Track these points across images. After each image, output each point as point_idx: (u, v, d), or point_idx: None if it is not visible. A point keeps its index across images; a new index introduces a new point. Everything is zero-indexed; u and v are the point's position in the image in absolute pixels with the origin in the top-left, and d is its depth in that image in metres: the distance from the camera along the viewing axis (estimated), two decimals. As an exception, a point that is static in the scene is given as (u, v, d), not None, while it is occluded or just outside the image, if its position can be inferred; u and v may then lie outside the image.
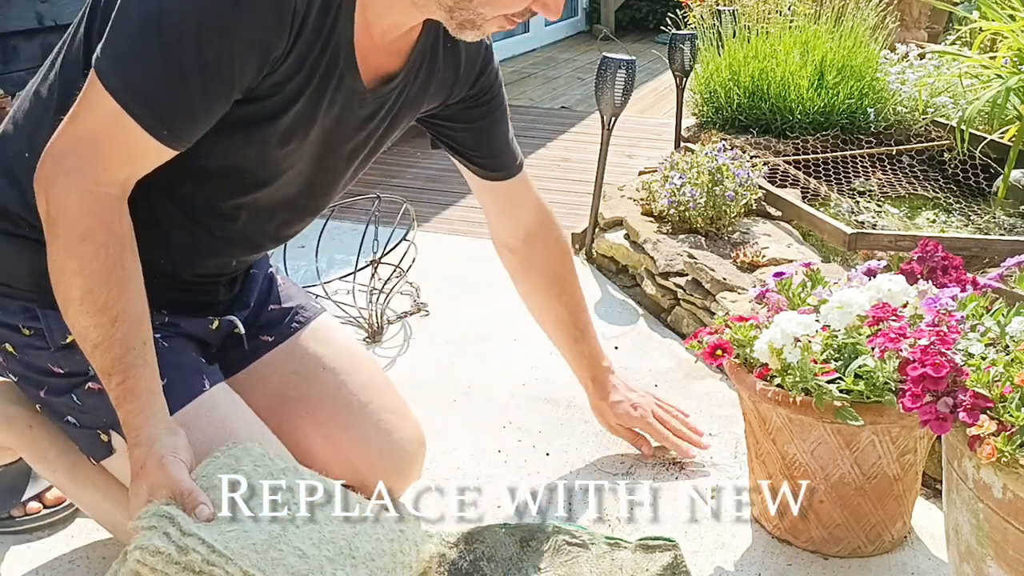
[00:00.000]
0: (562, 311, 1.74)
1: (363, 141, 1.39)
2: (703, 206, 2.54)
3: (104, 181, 1.15)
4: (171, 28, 1.10)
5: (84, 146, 1.14)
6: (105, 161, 1.14)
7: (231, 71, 1.13)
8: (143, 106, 1.12)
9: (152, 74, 1.11)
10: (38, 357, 1.32)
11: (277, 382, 1.52)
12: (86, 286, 1.14)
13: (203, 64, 1.11)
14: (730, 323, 1.53)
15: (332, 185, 1.43)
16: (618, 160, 3.91)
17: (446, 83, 1.44)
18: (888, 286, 1.43)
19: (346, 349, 1.59)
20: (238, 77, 1.14)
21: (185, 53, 1.10)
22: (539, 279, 1.73)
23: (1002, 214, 2.91)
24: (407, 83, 1.36)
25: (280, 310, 1.57)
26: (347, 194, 1.71)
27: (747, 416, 1.54)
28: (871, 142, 3.50)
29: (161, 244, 1.32)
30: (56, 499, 1.57)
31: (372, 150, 1.43)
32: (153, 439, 1.14)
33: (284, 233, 1.46)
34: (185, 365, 1.35)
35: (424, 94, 1.41)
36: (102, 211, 1.15)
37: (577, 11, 7.99)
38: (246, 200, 1.33)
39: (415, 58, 1.34)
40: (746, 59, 3.61)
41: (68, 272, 1.15)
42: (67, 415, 1.33)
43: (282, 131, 1.26)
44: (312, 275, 2.59)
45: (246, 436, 1.32)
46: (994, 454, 1.11)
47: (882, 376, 1.32)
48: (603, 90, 2.68)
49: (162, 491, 1.10)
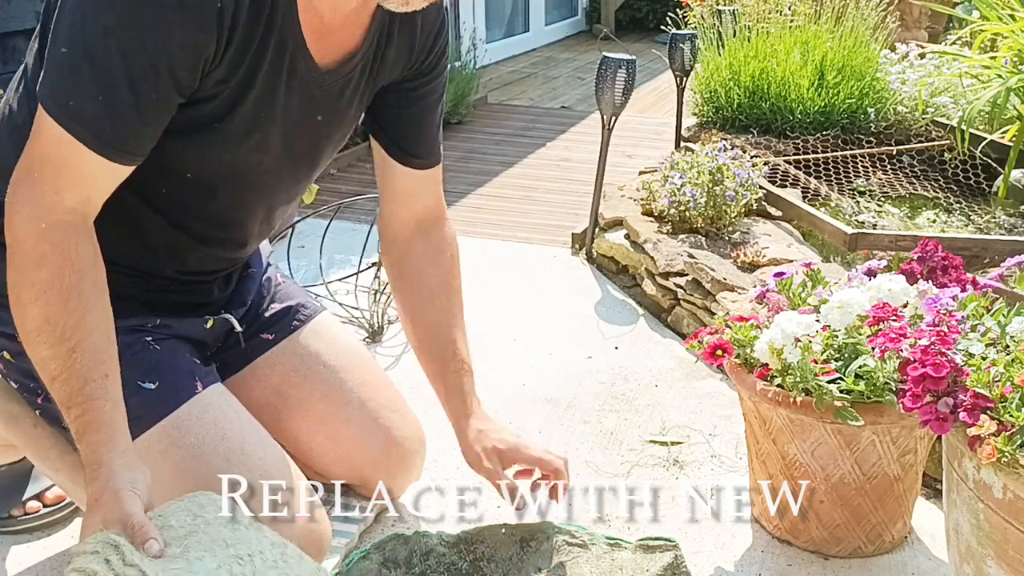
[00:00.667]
0: (440, 318, 1.52)
1: (335, 122, 1.36)
2: (703, 206, 2.54)
3: (58, 206, 1.12)
4: (97, 46, 1.08)
5: (35, 172, 1.12)
6: (56, 185, 1.12)
7: (165, 79, 1.11)
8: (84, 126, 1.10)
9: (86, 94, 1.09)
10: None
11: (277, 380, 1.52)
12: (42, 315, 1.11)
13: (133, 76, 1.09)
14: (730, 323, 1.53)
15: (311, 171, 1.42)
16: (618, 160, 3.91)
17: (404, 50, 1.38)
18: (888, 286, 1.43)
19: (346, 347, 1.58)
20: (172, 83, 1.12)
21: (114, 68, 1.08)
22: (421, 276, 1.53)
23: (1002, 214, 2.91)
24: (368, 58, 1.32)
25: (280, 309, 1.57)
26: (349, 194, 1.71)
27: (747, 416, 1.54)
28: (871, 142, 3.51)
29: (144, 245, 1.32)
30: (56, 498, 1.58)
31: (347, 126, 1.40)
32: (111, 474, 1.10)
33: (267, 226, 1.45)
34: (177, 368, 1.35)
35: (386, 64, 1.37)
36: (57, 237, 1.11)
37: (577, 11, 7.98)
38: (222, 196, 1.32)
39: (374, 30, 1.30)
40: (746, 59, 3.61)
41: (24, 300, 1.12)
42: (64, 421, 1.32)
43: (241, 127, 1.24)
44: (312, 275, 2.59)
45: (238, 438, 1.32)
46: (994, 454, 1.11)
47: (882, 376, 1.32)
48: (603, 90, 2.68)
49: (116, 524, 1.06)
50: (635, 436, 1.88)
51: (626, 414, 1.97)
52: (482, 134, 4.50)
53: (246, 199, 1.36)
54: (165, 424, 1.30)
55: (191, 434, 1.30)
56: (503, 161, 4.05)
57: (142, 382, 1.31)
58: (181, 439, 1.30)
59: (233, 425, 1.33)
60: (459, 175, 3.81)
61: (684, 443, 1.86)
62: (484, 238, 3.06)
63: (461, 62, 4.82)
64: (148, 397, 1.31)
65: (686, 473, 1.75)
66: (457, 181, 3.72)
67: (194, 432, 1.30)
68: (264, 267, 1.61)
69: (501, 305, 2.46)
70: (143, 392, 1.30)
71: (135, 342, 1.33)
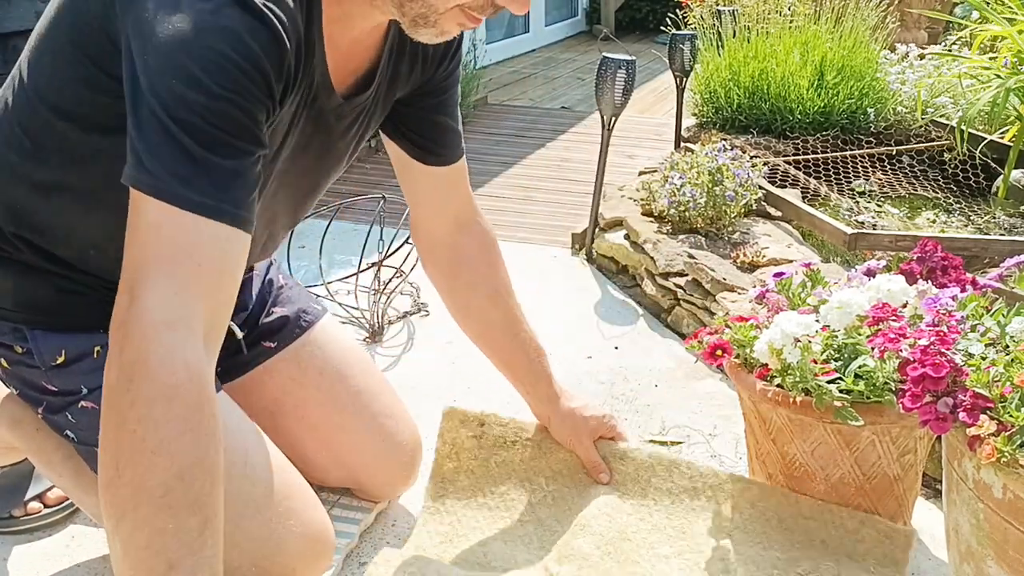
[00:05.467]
0: (506, 314, 1.53)
1: (342, 150, 1.34)
2: (703, 206, 2.54)
3: (195, 316, 0.96)
4: (189, 117, 0.97)
5: (167, 269, 0.96)
6: (199, 285, 0.97)
7: (253, 132, 1.03)
8: (214, 200, 0.98)
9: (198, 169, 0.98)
10: (32, 375, 1.30)
11: (274, 388, 1.52)
12: (174, 468, 0.92)
13: (230, 143, 1.00)
14: (730, 323, 1.53)
15: (317, 193, 1.40)
16: (618, 160, 3.91)
17: (415, 67, 1.36)
18: (888, 286, 1.44)
19: (345, 353, 1.58)
20: (258, 133, 1.04)
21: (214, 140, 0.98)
22: (477, 279, 1.52)
23: (1002, 214, 2.91)
24: (383, 81, 1.31)
25: (282, 315, 1.56)
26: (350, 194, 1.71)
27: (747, 416, 1.54)
28: (871, 142, 3.51)
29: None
30: (57, 499, 1.58)
31: (353, 150, 1.39)
32: None
33: (270, 246, 1.44)
34: None
35: (397, 82, 1.35)
36: (193, 361, 0.96)
37: (577, 11, 7.99)
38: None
39: (387, 54, 1.28)
40: (746, 59, 3.62)
41: (147, 449, 0.92)
42: (66, 429, 1.32)
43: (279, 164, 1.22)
44: (313, 275, 2.59)
45: (241, 450, 1.31)
46: (994, 454, 1.11)
47: (882, 376, 1.32)
48: (603, 90, 2.68)
49: None
50: (635, 436, 1.88)
51: (626, 414, 1.98)
52: (482, 134, 4.50)
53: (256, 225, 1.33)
54: None
55: None
56: (503, 161, 4.05)
57: None
58: None
59: (235, 437, 1.32)
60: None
61: (684, 443, 1.86)
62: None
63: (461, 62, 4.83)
64: None
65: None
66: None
67: None
68: (266, 268, 1.60)
69: (501, 305, 2.46)
70: None
71: None
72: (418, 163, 1.43)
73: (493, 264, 1.53)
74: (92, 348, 1.27)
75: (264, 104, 1.03)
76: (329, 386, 1.53)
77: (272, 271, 1.61)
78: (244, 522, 1.28)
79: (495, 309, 1.52)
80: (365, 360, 1.61)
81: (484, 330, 1.55)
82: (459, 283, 1.53)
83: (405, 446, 1.56)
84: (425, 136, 1.42)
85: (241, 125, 1.00)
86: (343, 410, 1.52)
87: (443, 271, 1.54)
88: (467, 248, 1.52)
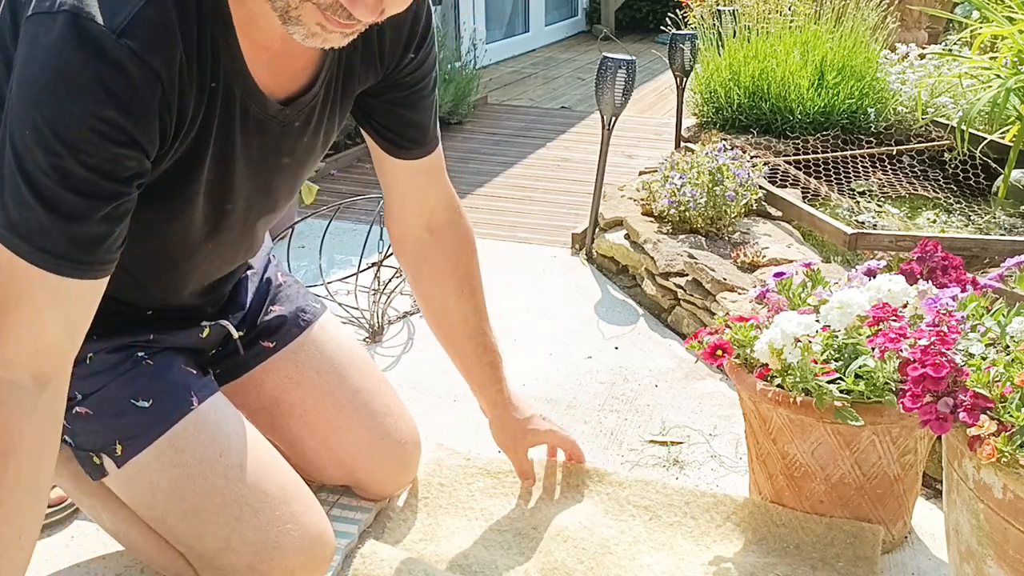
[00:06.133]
0: (468, 312, 1.53)
1: (305, 147, 1.30)
2: (703, 206, 2.54)
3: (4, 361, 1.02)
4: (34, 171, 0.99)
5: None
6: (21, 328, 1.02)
7: (101, 187, 1.03)
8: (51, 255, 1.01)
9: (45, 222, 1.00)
10: None
11: (273, 387, 1.52)
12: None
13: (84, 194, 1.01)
14: (730, 323, 1.53)
15: (291, 193, 1.37)
16: (618, 160, 3.91)
17: (373, 59, 1.30)
18: (888, 286, 1.43)
19: (343, 352, 1.57)
20: (125, 180, 1.04)
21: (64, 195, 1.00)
22: (444, 272, 1.52)
23: (1002, 214, 2.91)
24: (331, 75, 1.26)
25: (281, 314, 1.55)
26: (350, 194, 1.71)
27: (747, 416, 1.54)
28: (871, 142, 3.51)
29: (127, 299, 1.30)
30: (57, 499, 1.58)
31: (322, 145, 1.35)
32: None
33: (250, 254, 1.43)
34: (172, 383, 1.33)
35: (354, 74, 1.30)
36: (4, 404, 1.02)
37: (577, 11, 7.99)
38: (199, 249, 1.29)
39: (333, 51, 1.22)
40: (746, 59, 3.62)
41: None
42: (63, 435, 1.32)
43: (205, 185, 1.19)
44: (312, 275, 2.59)
45: (237, 453, 1.30)
46: (994, 454, 1.11)
47: (882, 376, 1.32)
48: (603, 90, 2.68)
49: None
50: (635, 436, 1.88)
51: (626, 414, 1.98)
52: (482, 134, 4.50)
53: (224, 238, 1.31)
54: (161, 443, 1.28)
55: (188, 452, 1.28)
56: (503, 161, 4.05)
57: (135, 400, 1.29)
58: (178, 458, 1.28)
59: (232, 441, 1.32)
60: (459, 175, 3.81)
61: (684, 443, 1.86)
62: (484, 238, 3.05)
63: (461, 62, 4.83)
64: (143, 416, 1.29)
65: (686, 473, 1.75)
66: (457, 181, 3.70)
67: (191, 450, 1.29)
68: (264, 265, 1.60)
69: (501, 305, 2.46)
70: (137, 411, 1.29)
71: (126, 359, 1.32)
72: (390, 156, 1.42)
73: (463, 262, 1.53)
74: (84, 356, 1.26)
75: (127, 152, 1.02)
76: (328, 385, 1.53)
77: (271, 269, 1.61)
78: (241, 526, 1.28)
79: (457, 306, 1.53)
80: (364, 359, 1.61)
81: (443, 325, 1.56)
82: (424, 276, 1.53)
83: (404, 445, 1.56)
84: (392, 129, 1.39)
85: (89, 181, 1.00)
86: (342, 409, 1.52)
87: (410, 263, 1.54)
88: (438, 243, 1.51)
